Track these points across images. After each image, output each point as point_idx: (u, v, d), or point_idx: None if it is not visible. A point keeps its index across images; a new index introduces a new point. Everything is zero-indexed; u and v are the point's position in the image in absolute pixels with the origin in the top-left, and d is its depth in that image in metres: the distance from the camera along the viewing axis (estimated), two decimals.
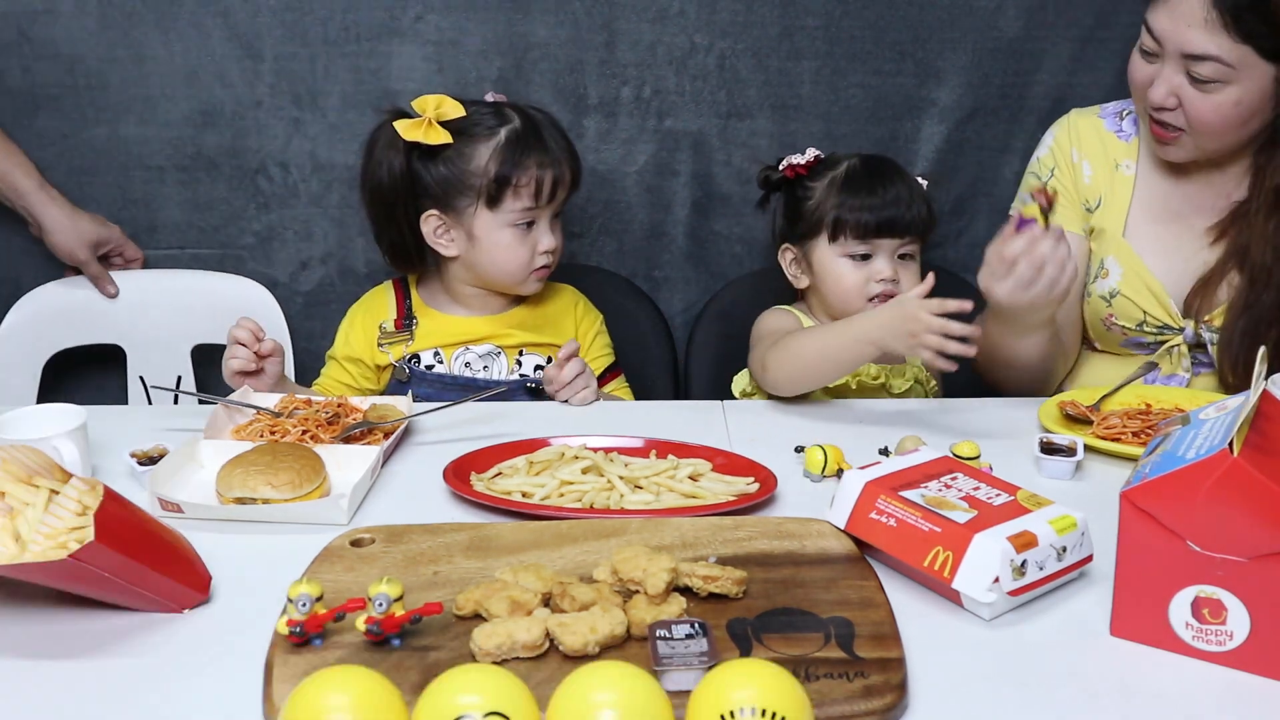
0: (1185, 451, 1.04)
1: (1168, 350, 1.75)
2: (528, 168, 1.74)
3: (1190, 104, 1.60)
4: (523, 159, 1.74)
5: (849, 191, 1.79)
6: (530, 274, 1.81)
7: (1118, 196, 1.78)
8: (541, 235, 1.78)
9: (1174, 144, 1.67)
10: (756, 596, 1.10)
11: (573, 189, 1.82)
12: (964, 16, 2.09)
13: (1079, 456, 1.42)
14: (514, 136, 1.75)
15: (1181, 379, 1.74)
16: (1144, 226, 1.77)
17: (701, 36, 2.09)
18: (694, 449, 1.45)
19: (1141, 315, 1.75)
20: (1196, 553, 1.02)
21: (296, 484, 1.30)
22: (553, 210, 1.80)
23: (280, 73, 2.07)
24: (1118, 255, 1.76)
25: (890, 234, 1.77)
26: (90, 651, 1.06)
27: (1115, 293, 1.76)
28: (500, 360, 1.83)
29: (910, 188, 1.80)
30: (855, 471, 1.23)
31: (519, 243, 1.77)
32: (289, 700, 0.86)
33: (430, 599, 1.06)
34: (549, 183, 1.75)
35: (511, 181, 1.73)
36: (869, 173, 1.81)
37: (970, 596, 1.09)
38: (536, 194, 1.75)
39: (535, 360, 1.84)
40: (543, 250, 1.79)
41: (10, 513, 1.11)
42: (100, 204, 2.10)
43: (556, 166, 1.77)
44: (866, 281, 1.78)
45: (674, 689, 0.92)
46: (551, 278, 1.87)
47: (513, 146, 1.75)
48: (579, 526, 1.24)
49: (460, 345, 1.83)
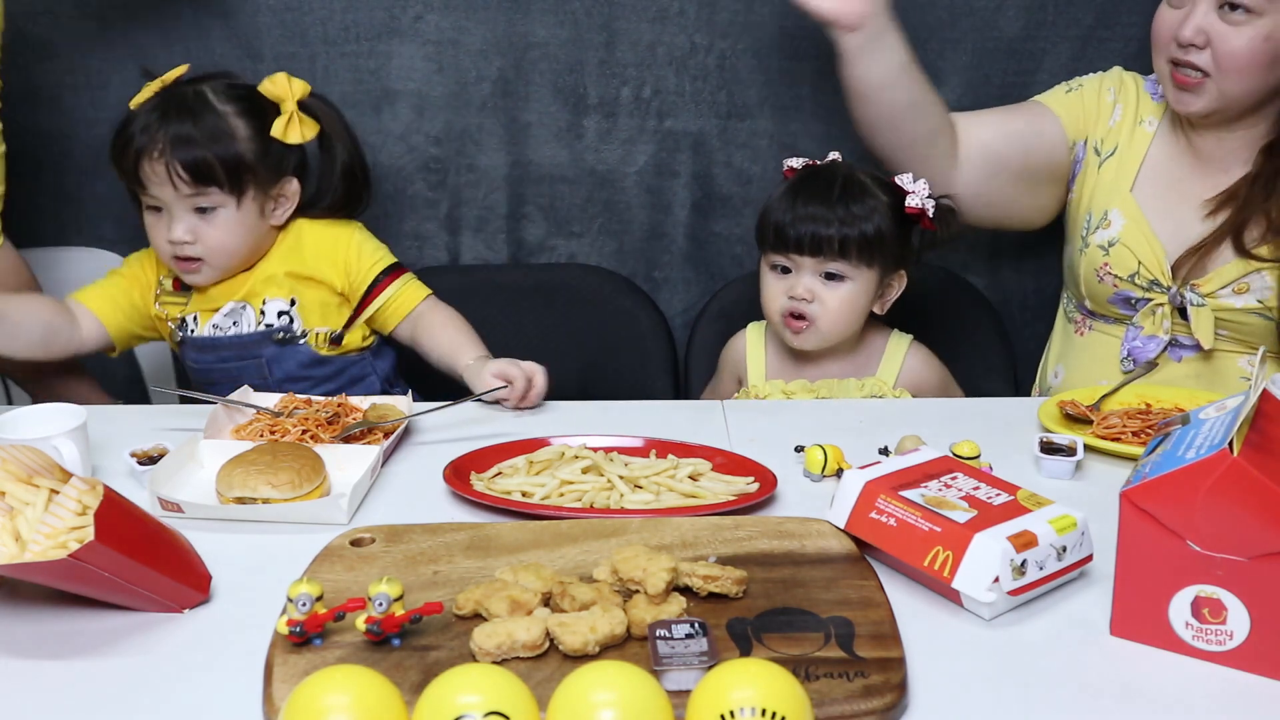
0: (1185, 451, 1.04)
1: (1151, 310, 1.77)
2: (128, 148, 1.68)
3: (1220, 40, 1.63)
4: (129, 136, 1.68)
5: (781, 199, 1.76)
6: (172, 261, 1.73)
7: (1134, 150, 1.81)
8: (172, 224, 1.69)
9: (1196, 91, 1.68)
10: (756, 596, 1.10)
11: (207, 182, 1.67)
12: (964, 16, 2.09)
13: (1079, 456, 1.42)
14: (147, 106, 1.69)
15: (1160, 340, 1.77)
16: (1151, 187, 1.80)
17: (701, 36, 2.09)
18: (694, 449, 1.45)
19: (1136, 266, 1.77)
20: (1196, 552, 1.02)
21: (296, 484, 1.30)
22: (177, 200, 1.68)
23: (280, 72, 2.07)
24: (1123, 208, 1.79)
25: (806, 251, 1.73)
26: (90, 651, 1.06)
27: (1115, 241, 1.79)
28: (246, 312, 1.77)
29: (850, 205, 1.73)
30: (855, 471, 1.23)
31: (151, 227, 1.72)
32: (289, 700, 0.86)
33: (430, 599, 1.06)
34: (146, 170, 1.67)
35: (117, 163, 1.70)
36: (810, 181, 1.77)
37: (970, 596, 1.09)
38: (134, 180, 1.69)
39: (278, 306, 1.77)
40: (170, 239, 1.70)
41: (10, 512, 1.11)
42: (100, 204, 2.10)
43: (157, 156, 1.66)
44: (783, 294, 1.76)
45: (674, 689, 0.92)
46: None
47: (137, 117, 1.69)
48: (579, 526, 1.24)
49: (214, 310, 1.78)
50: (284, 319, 1.77)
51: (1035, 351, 2.08)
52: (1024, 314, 2.25)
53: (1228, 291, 1.73)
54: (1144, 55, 2.05)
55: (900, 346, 1.85)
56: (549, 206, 2.18)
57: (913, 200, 1.77)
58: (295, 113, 1.74)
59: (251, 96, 1.74)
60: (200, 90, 1.72)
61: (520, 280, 2.19)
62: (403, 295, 1.81)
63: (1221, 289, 1.73)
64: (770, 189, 2.04)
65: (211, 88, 1.73)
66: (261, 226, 1.75)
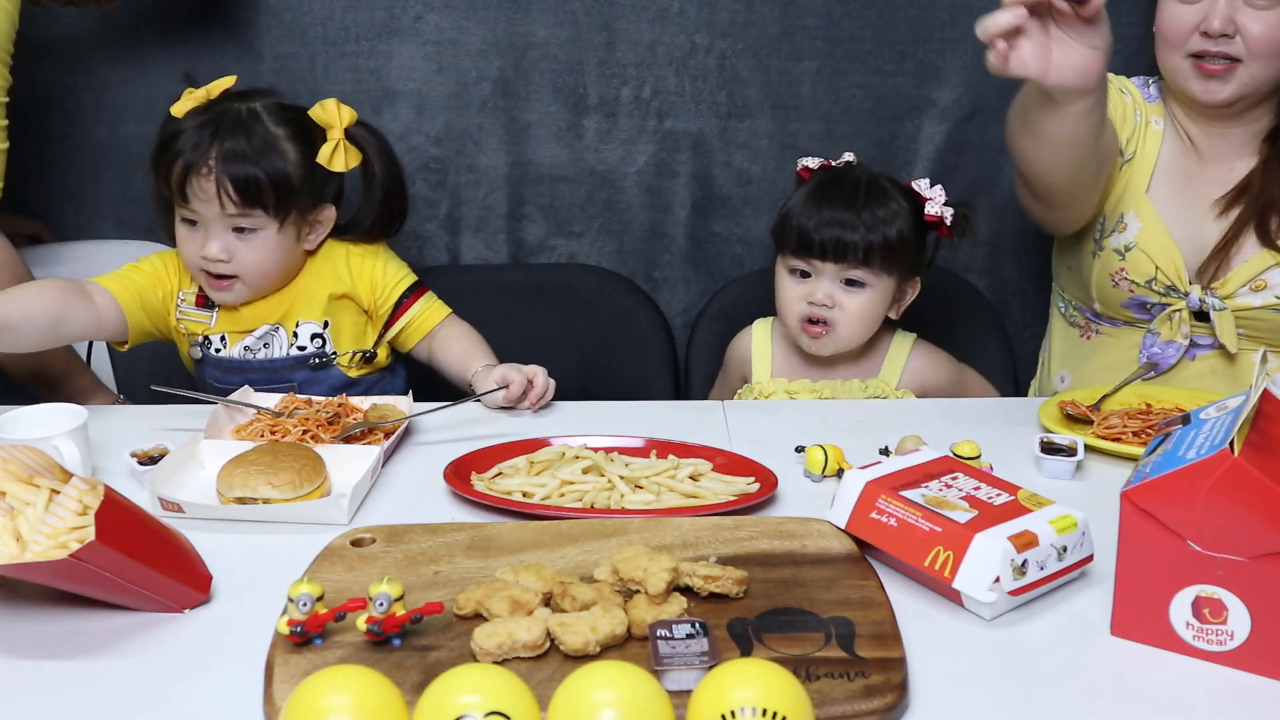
0: (1186, 451, 1.04)
1: (1168, 315, 1.76)
2: (175, 162, 1.65)
3: (1246, 27, 1.64)
4: (176, 151, 1.66)
5: (805, 203, 1.74)
6: (202, 274, 1.71)
7: (1148, 151, 1.80)
8: (208, 241, 1.68)
9: (1224, 78, 1.67)
10: (757, 596, 1.10)
11: (253, 205, 1.66)
12: (964, 16, 2.09)
13: (1079, 456, 1.42)
14: (194, 122, 1.67)
15: (1179, 345, 1.75)
16: (1163, 188, 1.79)
17: (701, 36, 2.09)
18: (694, 449, 1.45)
19: (1153, 271, 1.76)
20: (1197, 552, 1.02)
21: (297, 484, 1.30)
22: (218, 218, 1.67)
23: (280, 72, 2.07)
24: (1139, 210, 1.78)
25: (829, 257, 1.72)
26: (90, 651, 1.06)
27: (1131, 246, 1.77)
28: (279, 335, 1.77)
29: (875, 210, 1.72)
30: (856, 471, 1.23)
31: (185, 239, 1.71)
32: (289, 700, 0.86)
33: (431, 599, 1.06)
34: (192, 185, 1.65)
35: (160, 165, 1.67)
36: (833, 186, 1.75)
37: (971, 596, 1.09)
38: (178, 194, 1.67)
39: (311, 329, 1.77)
40: (203, 254, 1.68)
41: (11, 512, 1.11)
42: (101, 203, 2.10)
43: (206, 173, 1.64)
44: (802, 300, 1.76)
45: (674, 689, 0.92)
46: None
47: (182, 131, 1.67)
48: (579, 526, 1.24)
49: (245, 333, 1.78)
50: (316, 342, 1.78)
51: (1035, 351, 2.08)
52: (1024, 314, 2.25)
53: (1245, 291, 1.72)
54: (1144, 55, 2.05)
55: (904, 347, 1.85)
56: (549, 206, 2.18)
57: (931, 208, 1.76)
58: (342, 140, 1.73)
59: (301, 120, 1.73)
60: (255, 110, 1.70)
61: (520, 280, 2.19)
62: (425, 314, 1.82)
63: (1240, 289, 1.72)
64: (770, 189, 2.05)
65: (264, 107, 1.71)
66: (296, 251, 1.75)
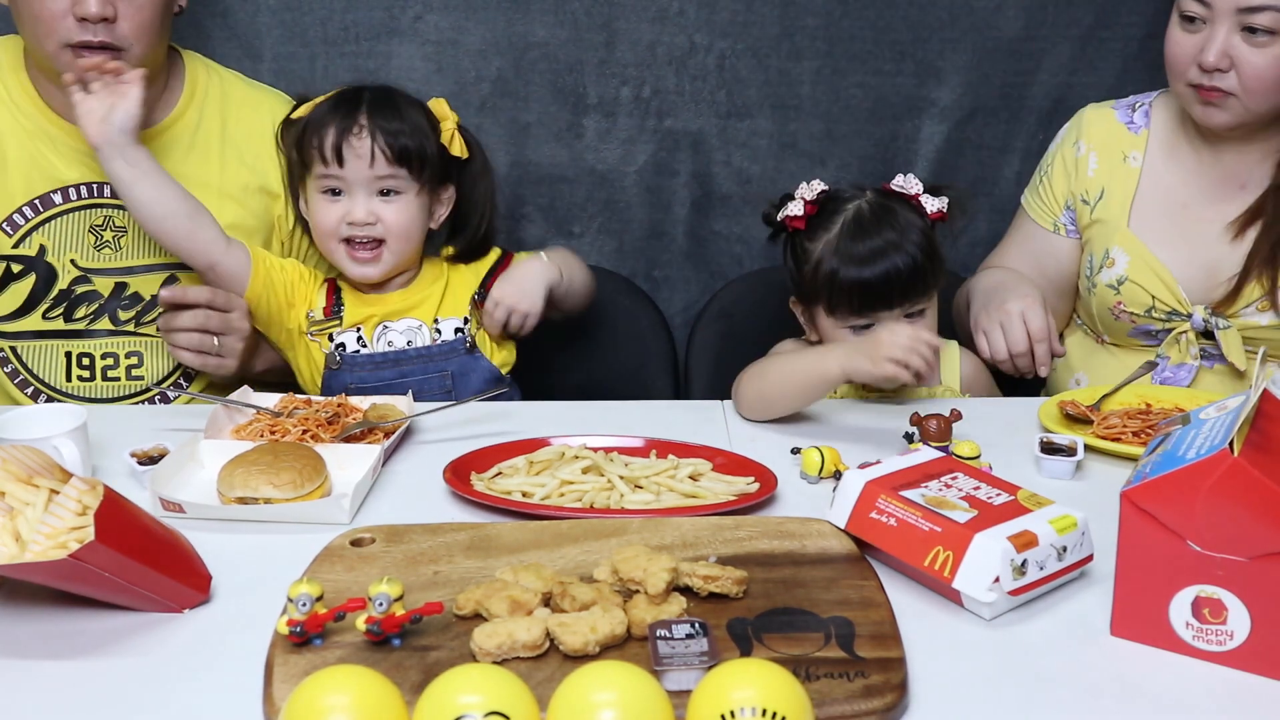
0: (1185, 451, 1.04)
1: (1175, 339, 1.76)
2: (326, 129, 1.72)
3: (1244, 61, 1.62)
4: (326, 120, 1.72)
5: (842, 261, 1.62)
6: (339, 244, 1.74)
7: (1122, 187, 1.80)
8: (352, 205, 1.72)
9: (1221, 105, 1.66)
10: (757, 596, 1.10)
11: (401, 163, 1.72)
12: (964, 16, 2.09)
13: (1079, 456, 1.42)
14: (332, 101, 1.76)
15: (1191, 367, 1.75)
16: (1150, 218, 1.78)
17: (701, 36, 2.09)
18: (694, 449, 1.45)
19: (1150, 301, 1.76)
20: (1197, 552, 1.02)
21: (298, 484, 1.30)
22: (366, 181, 1.72)
23: (280, 72, 2.07)
24: (1123, 245, 1.78)
25: (889, 306, 1.63)
26: (90, 651, 1.06)
27: (1123, 279, 1.77)
28: (423, 332, 1.79)
29: (908, 249, 1.62)
30: (855, 471, 1.23)
31: (324, 210, 1.74)
32: (289, 700, 0.86)
33: (430, 599, 1.06)
34: (346, 146, 1.70)
35: (310, 141, 1.73)
36: (862, 235, 1.63)
37: (970, 596, 1.09)
38: (334, 157, 1.71)
39: (453, 324, 1.80)
40: (349, 220, 1.72)
41: (10, 513, 1.11)
42: None
43: (359, 133, 1.71)
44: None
45: (674, 689, 0.92)
46: None
47: (322, 109, 1.75)
48: (579, 526, 1.24)
49: (378, 323, 1.78)
50: (459, 336, 1.80)
51: None
52: None
53: (1251, 310, 1.72)
54: (1144, 55, 2.06)
55: (952, 352, 1.79)
56: (549, 206, 2.18)
57: (932, 205, 1.68)
58: (456, 131, 1.80)
59: (423, 105, 1.81)
60: (390, 88, 1.80)
61: None
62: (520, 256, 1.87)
63: (1245, 308, 1.72)
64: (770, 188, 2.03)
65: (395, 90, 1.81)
66: (425, 224, 1.80)
